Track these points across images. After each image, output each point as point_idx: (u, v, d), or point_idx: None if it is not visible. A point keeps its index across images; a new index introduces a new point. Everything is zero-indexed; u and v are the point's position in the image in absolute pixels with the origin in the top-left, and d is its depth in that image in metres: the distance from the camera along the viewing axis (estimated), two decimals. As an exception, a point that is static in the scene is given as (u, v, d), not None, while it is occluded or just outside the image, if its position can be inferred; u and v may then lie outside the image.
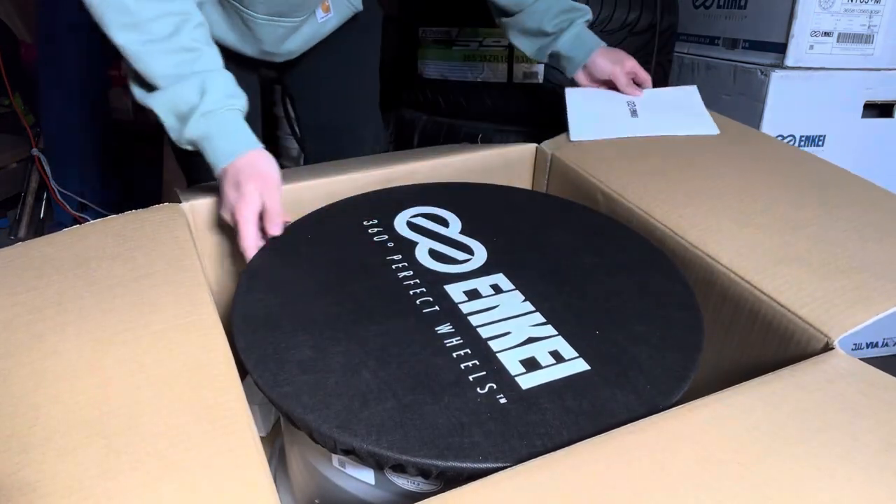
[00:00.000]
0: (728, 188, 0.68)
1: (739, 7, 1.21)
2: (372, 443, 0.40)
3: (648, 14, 1.11)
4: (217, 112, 0.61)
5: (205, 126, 0.61)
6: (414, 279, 0.56)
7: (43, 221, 1.74)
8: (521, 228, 0.65)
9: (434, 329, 0.51)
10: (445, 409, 0.43)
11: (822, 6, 1.08)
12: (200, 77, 0.61)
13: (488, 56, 1.13)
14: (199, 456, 0.36)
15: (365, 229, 0.63)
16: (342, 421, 0.41)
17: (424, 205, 0.68)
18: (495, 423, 0.42)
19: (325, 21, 0.84)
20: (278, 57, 0.86)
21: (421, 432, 0.41)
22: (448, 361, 0.47)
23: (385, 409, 0.43)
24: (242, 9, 0.76)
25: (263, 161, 0.62)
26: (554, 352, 0.49)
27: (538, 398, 0.44)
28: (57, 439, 0.36)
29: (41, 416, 0.38)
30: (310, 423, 0.41)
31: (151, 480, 0.34)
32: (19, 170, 1.75)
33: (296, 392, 0.43)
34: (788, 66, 1.11)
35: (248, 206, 0.59)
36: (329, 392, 0.44)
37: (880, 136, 1.18)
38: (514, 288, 0.56)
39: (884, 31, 1.11)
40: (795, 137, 1.15)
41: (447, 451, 0.40)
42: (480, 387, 0.45)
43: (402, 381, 0.45)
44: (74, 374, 0.41)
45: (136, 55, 0.60)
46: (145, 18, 0.59)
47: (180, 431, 0.37)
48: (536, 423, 0.42)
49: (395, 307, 0.53)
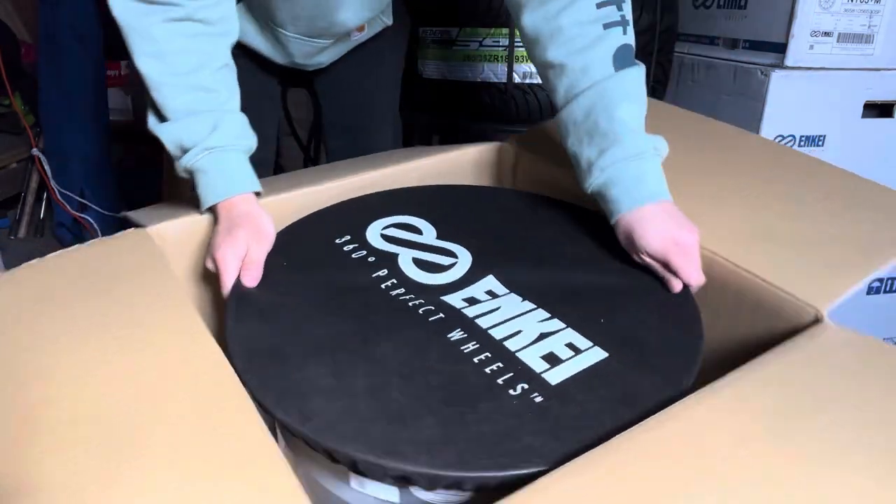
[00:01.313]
0: (698, 173, 0.68)
1: (739, 7, 1.21)
2: (425, 464, 0.38)
3: (648, 14, 1.11)
4: (221, 149, 0.60)
5: (205, 159, 0.60)
6: (408, 292, 0.55)
7: (43, 221, 1.74)
8: (497, 226, 0.65)
9: (447, 337, 0.50)
10: (487, 417, 0.42)
11: (822, 6, 1.08)
12: (214, 115, 0.60)
13: (488, 56, 1.13)
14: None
15: (339, 247, 0.61)
16: (388, 447, 0.39)
17: (393, 214, 0.66)
18: (540, 422, 0.42)
19: (356, 38, 0.86)
20: (308, 67, 0.88)
21: (471, 445, 0.40)
22: (472, 367, 0.47)
23: (426, 426, 0.41)
24: (277, 28, 0.77)
25: (262, 215, 0.59)
26: (569, 344, 0.49)
27: (571, 391, 0.45)
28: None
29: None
30: (353, 454, 0.39)
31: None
32: (19, 170, 1.75)
33: (329, 424, 0.41)
34: (788, 66, 1.11)
35: (232, 251, 0.55)
36: (363, 418, 0.41)
37: (880, 136, 1.18)
38: (508, 289, 0.56)
39: (884, 31, 1.11)
40: (795, 137, 1.15)
41: (504, 459, 0.39)
42: (513, 388, 0.45)
43: (433, 395, 0.44)
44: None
45: (155, 84, 0.59)
46: (169, 50, 0.59)
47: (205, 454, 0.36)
48: (578, 415, 0.43)
49: (399, 321, 0.51)
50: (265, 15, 0.77)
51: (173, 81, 0.59)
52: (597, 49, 0.57)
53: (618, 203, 0.56)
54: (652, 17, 1.12)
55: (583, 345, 0.49)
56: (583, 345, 0.49)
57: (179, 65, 0.59)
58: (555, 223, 0.66)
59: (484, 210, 0.68)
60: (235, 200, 0.60)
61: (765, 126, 1.13)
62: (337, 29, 0.79)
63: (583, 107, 0.57)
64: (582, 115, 0.57)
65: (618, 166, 0.56)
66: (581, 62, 0.57)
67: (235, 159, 0.61)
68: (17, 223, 1.72)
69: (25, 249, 1.63)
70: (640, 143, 0.56)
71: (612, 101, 0.56)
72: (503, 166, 0.82)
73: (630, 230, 0.55)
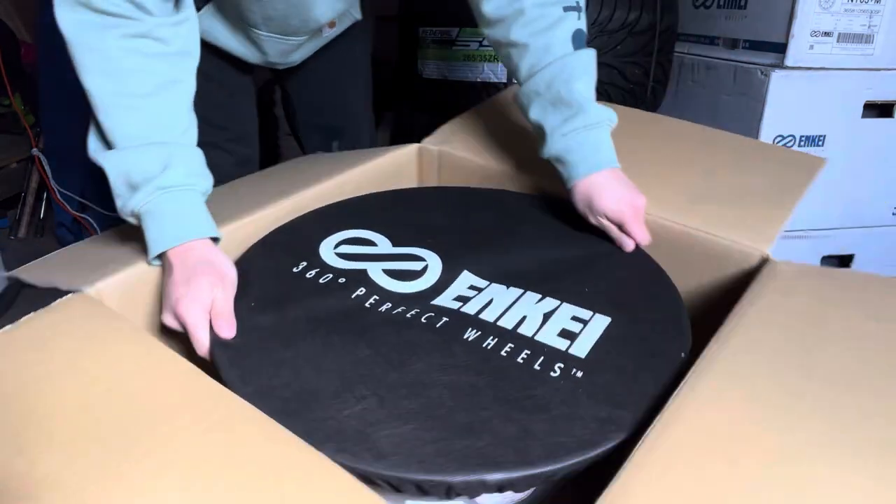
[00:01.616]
0: (639, 159, 0.71)
1: (739, 7, 1.21)
2: (522, 467, 0.38)
3: (648, 14, 1.11)
4: (175, 189, 0.53)
5: (156, 201, 0.52)
6: (397, 304, 0.53)
7: (43, 221, 1.74)
8: (447, 223, 0.66)
9: (464, 338, 0.49)
10: (545, 405, 0.43)
11: (822, 6, 1.08)
12: (169, 149, 0.53)
13: (488, 56, 1.13)
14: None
15: (301, 276, 0.56)
16: (473, 464, 0.38)
17: (338, 230, 0.63)
18: (597, 396, 0.44)
19: (327, 34, 0.86)
20: (282, 65, 0.87)
21: (552, 437, 0.40)
22: (503, 361, 0.47)
23: (494, 430, 0.40)
24: (250, 28, 0.76)
25: (218, 256, 0.53)
26: (574, 317, 0.52)
27: (602, 360, 0.47)
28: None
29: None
30: (436, 482, 0.37)
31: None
32: (19, 170, 1.75)
33: (390, 454, 0.38)
34: (788, 66, 1.11)
35: (197, 303, 0.49)
36: (425, 441, 0.39)
37: (880, 136, 1.18)
38: (488, 280, 0.57)
39: (884, 31, 1.11)
40: (795, 137, 1.15)
41: (590, 441, 0.40)
42: (552, 371, 0.46)
43: (482, 397, 0.43)
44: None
45: (104, 106, 0.52)
46: (125, 69, 0.52)
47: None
48: (626, 381, 0.45)
49: (406, 335, 0.50)
50: (237, 16, 0.75)
51: (127, 104, 0.53)
52: (557, 30, 0.62)
53: (577, 167, 0.62)
54: (652, 17, 1.12)
55: (585, 315, 0.52)
56: (585, 315, 0.52)
57: (135, 86, 0.53)
58: (499, 211, 0.68)
59: (427, 210, 0.68)
60: (191, 245, 0.53)
61: (765, 126, 1.13)
62: (311, 25, 0.78)
63: (545, 79, 0.62)
64: (544, 86, 0.62)
65: (579, 133, 0.62)
66: (543, 42, 0.62)
67: (191, 200, 0.54)
68: (17, 223, 1.72)
69: (25, 249, 1.63)
70: (598, 114, 0.62)
71: (573, 75, 0.61)
72: (428, 166, 0.82)
73: (589, 193, 0.61)
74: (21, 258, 0.54)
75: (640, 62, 1.14)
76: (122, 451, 0.36)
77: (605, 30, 1.09)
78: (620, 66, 1.12)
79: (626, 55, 1.12)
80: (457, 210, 0.68)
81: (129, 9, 0.52)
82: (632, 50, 1.12)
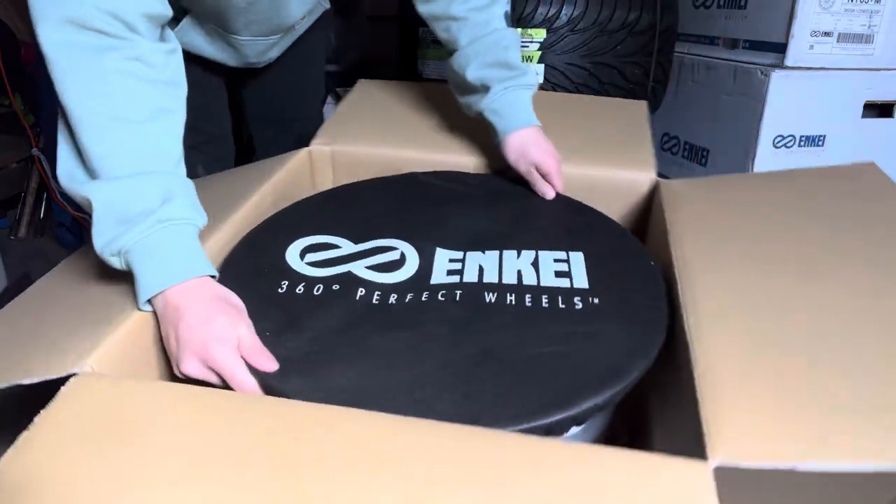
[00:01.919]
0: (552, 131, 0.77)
1: (739, 7, 1.21)
2: (592, 395, 0.43)
3: (648, 14, 1.11)
4: (175, 223, 0.49)
5: (155, 236, 0.47)
6: (403, 293, 0.54)
7: (43, 221, 1.74)
8: (391, 213, 0.67)
9: (487, 302, 0.52)
10: (593, 332, 0.48)
11: (822, 6, 1.08)
12: (166, 179, 0.49)
13: (488, 56, 1.13)
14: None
15: (292, 294, 0.54)
16: (560, 398, 0.42)
17: (294, 240, 0.61)
18: (622, 317, 0.50)
19: (300, 27, 0.86)
20: (260, 64, 0.87)
21: (600, 360, 0.46)
22: (533, 311, 0.51)
23: (571, 367, 0.45)
24: (230, 34, 0.77)
25: (227, 291, 0.51)
26: (556, 259, 0.58)
27: (605, 286, 0.54)
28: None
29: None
30: (550, 419, 0.41)
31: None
32: (19, 170, 1.75)
33: (506, 413, 0.42)
34: (788, 66, 1.11)
35: (228, 347, 0.45)
36: (523, 395, 0.43)
37: (880, 136, 1.18)
38: (462, 251, 0.60)
39: (884, 31, 1.11)
40: (795, 137, 1.15)
41: (636, 354, 0.46)
42: (574, 306, 0.52)
43: (541, 346, 0.47)
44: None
45: (93, 129, 0.47)
46: (121, 92, 0.48)
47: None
48: (640, 296, 0.53)
49: (438, 316, 0.51)
50: (217, 24, 0.76)
51: (121, 129, 0.48)
52: (494, 8, 0.72)
53: (513, 120, 0.71)
54: (652, 17, 1.12)
55: (562, 256, 0.59)
56: (562, 256, 0.59)
57: (131, 110, 0.49)
58: (423, 192, 0.72)
59: (363, 204, 0.69)
60: (199, 283, 0.49)
61: (765, 126, 1.13)
62: (290, 21, 0.80)
63: (486, 44, 0.71)
64: (485, 50, 0.71)
65: (519, 90, 0.71)
66: (483, 17, 0.72)
67: (191, 236, 0.51)
68: (17, 223, 1.72)
69: (25, 249, 1.63)
70: (532, 78, 0.73)
71: (511, 45, 0.72)
72: (321, 167, 0.82)
73: (523, 144, 0.70)
74: (21, 258, 0.54)
75: (640, 62, 1.14)
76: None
77: (605, 30, 1.09)
78: (620, 66, 1.12)
79: (626, 55, 1.12)
80: (389, 198, 0.70)
81: (122, 29, 0.48)
82: (632, 50, 1.12)
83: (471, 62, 0.72)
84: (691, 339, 0.44)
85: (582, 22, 1.08)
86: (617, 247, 0.61)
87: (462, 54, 0.73)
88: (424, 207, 0.68)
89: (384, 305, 0.53)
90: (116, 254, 0.48)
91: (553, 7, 1.07)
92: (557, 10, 1.07)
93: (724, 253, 0.55)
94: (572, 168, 0.72)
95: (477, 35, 0.72)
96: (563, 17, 1.08)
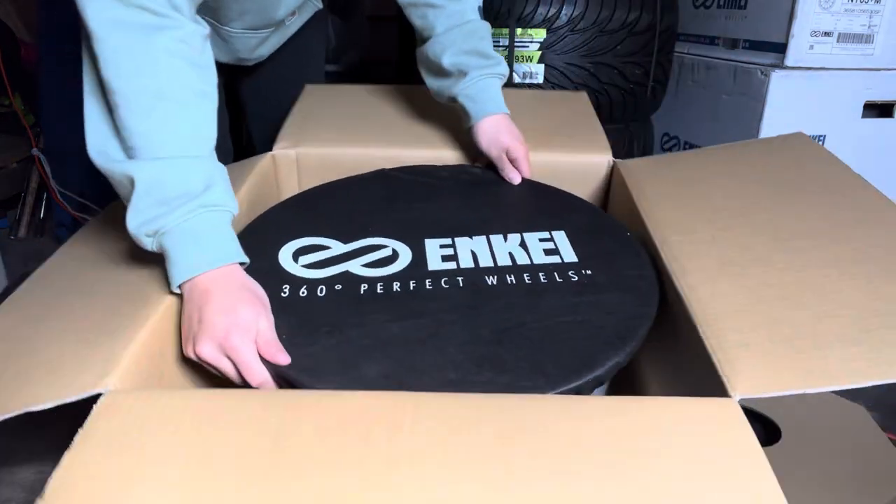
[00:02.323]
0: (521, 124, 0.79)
1: (739, 7, 1.21)
2: (614, 354, 0.47)
3: (648, 14, 1.11)
4: (217, 209, 0.50)
5: (197, 220, 0.48)
6: (405, 283, 0.55)
7: (43, 221, 1.74)
8: (371, 210, 0.67)
9: (490, 285, 0.55)
10: (596, 302, 0.52)
11: (822, 6, 1.08)
12: (208, 164, 0.50)
13: (488, 56, 1.13)
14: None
15: (296, 296, 0.54)
16: (586, 360, 0.46)
17: (284, 244, 0.61)
18: (617, 285, 0.54)
19: (291, 24, 0.86)
20: (251, 61, 0.87)
21: (611, 323, 0.49)
22: (535, 287, 0.54)
23: (586, 335, 0.48)
24: (220, 26, 0.76)
25: (255, 283, 0.51)
26: (541, 239, 0.61)
27: (594, 257, 0.58)
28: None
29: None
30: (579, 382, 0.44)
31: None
32: (19, 170, 1.74)
33: (545, 375, 0.45)
34: (788, 66, 1.11)
35: (249, 338, 0.46)
36: (542, 359, 0.46)
37: (880, 136, 1.18)
38: (450, 238, 0.62)
39: (884, 31, 1.11)
40: (795, 137, 1.15)
41: (639, 315, 0.50)
42: (571, 278, 0.55)
43: (555, 318, 0.50)
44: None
45: (139, 108, 0.48)
46: (170, 72, 0.49)
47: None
48: (627, 265, 0.57)
49: (448, 302, 0.53)
50: (209, 16, 0.74)
51: (167, 109, 0.48)
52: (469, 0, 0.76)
53: (486, 105, 0.74)
54: (652, 17, 1.12)
55: (546, 235, 0.62)
56: (546, 235, 0.62)
57: (178, 91, 0.49)
58: (400, 184, 0.73)
59: (342, 203, 0.69)
60: (232, 270, 0.50)
61: (765, 126, 1.13)
62: (282, 14, 0.80)
63: (464, 33, 0.74)
64: (461, 38, 0.73)
65: (494, 78, 0.74)
66: (458, 7, 0.75)
67: (227, 222, 0.51)
68: (17, 223, 1.72)
69: (25, 249, 1.63)
70: (504, 69, 0.76)
71: (485, 36, 0.75)
72: (286, 171, 0.81)
73: (496, 129, 0.73)
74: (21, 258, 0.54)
75: (640, 62, 1.14)
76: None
77: (605, 30, 1.09)
78: (620, 66, 1.12)
79: (626, 55, 1.12)
80: (365, 197, 0.71)
81: (166, 6, 0.49)
82: (632, 50, 1.12)
83: (447, 49, 0.74)
84: (688, 299, 0.49)
85: (582, 22, 1.08)
86: (593, 222, 0.65)
87: (438, 41, 0.75)
88: (402, 203, 0.69)
89: (390, 294, 0.54)
90: (152, 234, 0.48)
91: (553, 7, 1.07)
92: (557, 10, 1.07)
93: (691, 219, 0.60)
94: (535, 155, 0.75)
95: (453, 23, 0.75)
96: (563, 17, 1.08)
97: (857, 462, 0.68)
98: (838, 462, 0.68)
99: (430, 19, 0.76)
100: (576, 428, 0.37)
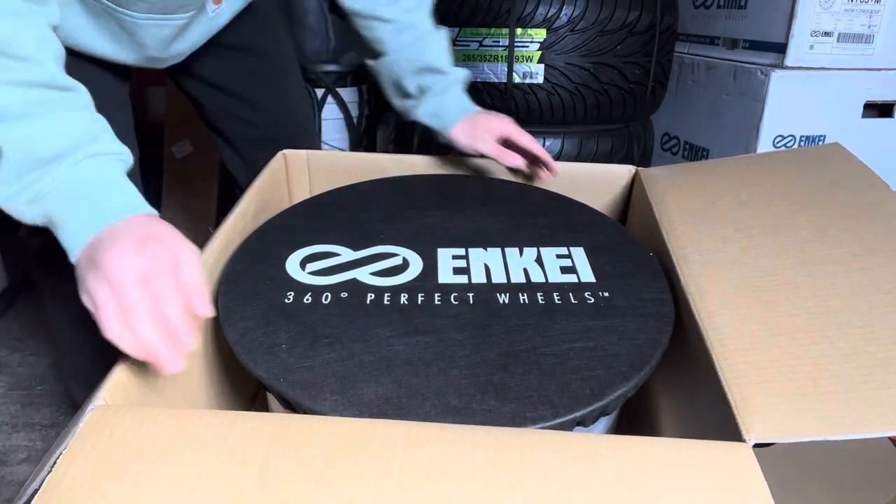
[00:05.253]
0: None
1: (739, 7, 1.21)
2: (621, 385, 0.45)
3: (648, 14, 1.11)
4: (108, 156, 0.43)
5: (86, 172, 0.42)
6: (413, 295, 0.54)
7: (43, 221, 1.74)
8: (381, 217, 0.66)
9: (501, 303, 0.53)
10: (604, 329, 0.50)
11: (822, 6, 1.08)
12: (86, 116, 0.44)
13: (488, 56, 1.13)
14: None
15: (300, 304, 0.53)
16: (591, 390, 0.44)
17: (292, 252, 0.60)
18: (633, 310, 0.52)
19: (216, 15, 0.68)
20: (165, 62, 0.70)
21: (622, 351, 0.47)
22: (547, 308, 0.52)
23: (600, 363, 0.46)
24: (117, 8, 0.59)
25: (167, 225, 0.43)
26: (557, 255, 0.59)
27: (611, 279, 0.56)
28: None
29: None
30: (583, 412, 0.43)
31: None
32: (19, 170, 1.74)
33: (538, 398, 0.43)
34: (788, 66, 1.11)
35: (161, 270, 0.39)
36: (550, 387, 0.44)
37: (880, 136, 1.18)
38: (464, 248, 0.61)
39: (884, 31, 1.11)
40: (795, 137, 1.15)
41: (652, 344, 0.48)
42: (586, 300, 0.53)
43: (564, 343, 0.49)
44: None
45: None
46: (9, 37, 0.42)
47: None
48: (646, 288, 0.54)
49: (458, 321, 0.51)
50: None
51: (10, 66, 0.41)
52: (421, 10, 0.74)
53: (451, 113, 0.74)
54: (652, 17, 1.12)
55: (564, 251, 0.60)
56: (564, 251, 0.60)
57: (17, 47, 0.41)
58: (414, 191, 0.72)
59: (353, 210, 0.67)
60: (139, 220, 0.42)
61: (765, 126, 1.13)
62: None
63: (417, 50, 0.73)
64: (416, 55, 0.73)
65: (451, 91, 0.75)
66: (411, 20, 0.73)
67: (123, 171, 0.45)
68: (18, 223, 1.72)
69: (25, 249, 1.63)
70: (462, 74, 0.77)
71: (440, 47, 0.74)
72: (297, 172, 0.81)
73: (472, 125, 0.73)
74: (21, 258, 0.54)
75: (640, 62, 1.14)
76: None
77: (605, 30, 1.09)
78: (620, 66, 1.12)
79: (626, 55, 1.12)
80: (378, 203, 0.69)
81: None
82: (632, 50, 1.12)
83: (405, 70, 0.74)
84: (705, 329, 0.47)
85: (582, 22, 1.08)
86: (614, 240, 0.63)
87: (393, 60, 0.75)
88: (416, 210, 0.67)
89: (397, 306, 0.52)
90: (31, 201, 0.41)
91: (553, 7, 1.07)
92: (557, 10, 1.07)
93: (713, 237, 0.58)
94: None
95: (407, 40, 0.74)
96: (563, 17, 1.08)
97: (857, 462, 0.68)
98: (838, 462, 0.68)
99: (379, 33, 0.75)
100: (576, 470, 0.35)
